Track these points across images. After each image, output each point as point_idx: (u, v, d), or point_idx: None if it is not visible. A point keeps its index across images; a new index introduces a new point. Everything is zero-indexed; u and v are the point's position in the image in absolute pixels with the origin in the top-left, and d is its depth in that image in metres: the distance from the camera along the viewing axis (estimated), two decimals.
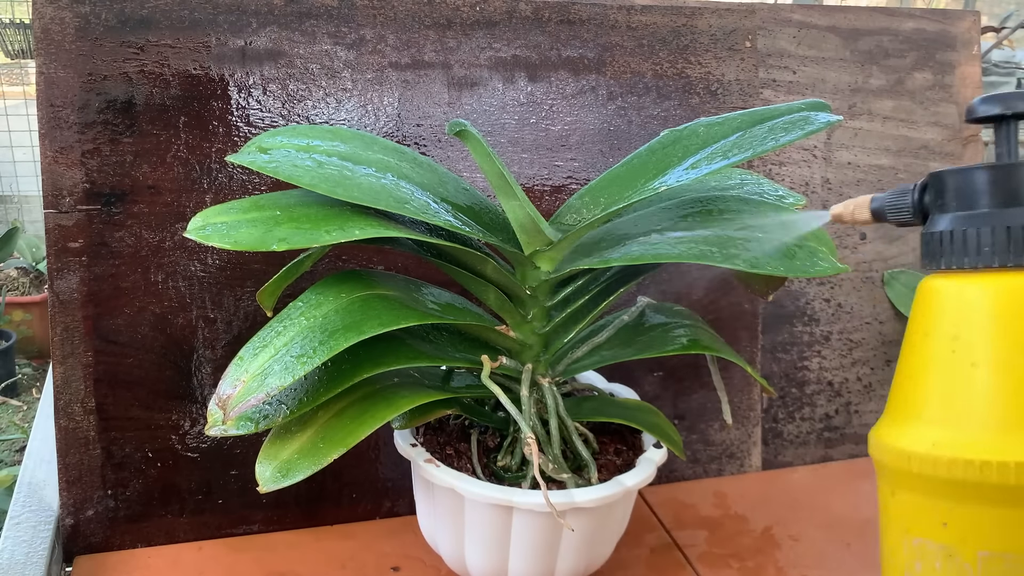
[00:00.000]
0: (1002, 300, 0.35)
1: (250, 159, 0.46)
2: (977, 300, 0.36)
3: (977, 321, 0.35)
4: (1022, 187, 0.35)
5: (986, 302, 0.35)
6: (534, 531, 0.50)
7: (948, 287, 0.37)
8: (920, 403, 0.37)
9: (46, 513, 0.60)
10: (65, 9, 0.56)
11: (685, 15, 0.70)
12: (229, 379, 0.43)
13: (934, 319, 0.37)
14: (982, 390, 0.35)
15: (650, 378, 0.71)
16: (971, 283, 0.36)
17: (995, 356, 0.35)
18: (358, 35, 0.63)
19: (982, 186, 0.35)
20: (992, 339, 0.35)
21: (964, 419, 0.35)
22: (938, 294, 0.37)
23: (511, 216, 0.49)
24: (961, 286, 0.36)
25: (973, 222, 0.35)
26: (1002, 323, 0.35)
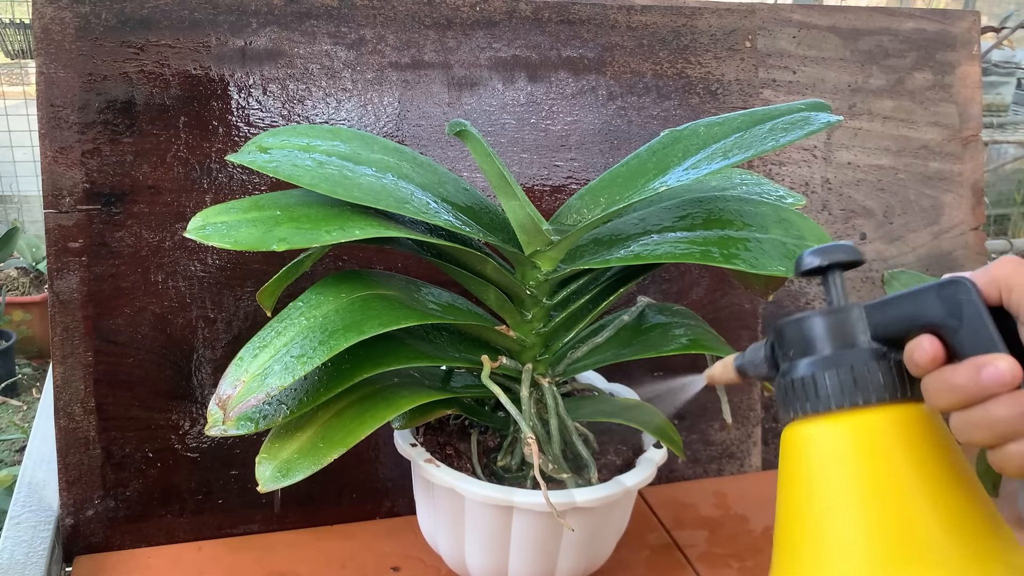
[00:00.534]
0: (842, 440, 0.35)
1: (250, 159, 0.46)
2: (820, 443, 0.36)
3: (824, 464, 0.36)
4: (852, 329, 0.36)
5: (828, 444, 0.36)
6: (534, 531, 0.50)
7: (797, 435, 0.37)
8: (791, 550, 0.37)
9: (46, 513, 0.59)
10: (65, 9, 0.56)
11: (685, 15, 0.70)
12: (229, 379, 0.43)
13: (791, 468, 0.37)
14: (835, 534, 0.35)
15: (650, 378, 0.71)
16: (814, 428, 0.36)
17: (848, 496, 0.35)
18: (358, 35, 0.63)
19: (815, 333, 0.37)
20: (838, 480, 0.35)
21: (828, 566, 0.35)
22: (789, 443, 0.37)
23: (511, 216, 0.49)
24: (807, 433, 0.36)
25: (809, 368, 0.36)
26: (845, 462, 0.35)
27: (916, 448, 0.35)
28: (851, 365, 0.35)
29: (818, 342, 0.37)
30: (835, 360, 0.36)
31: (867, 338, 0.36)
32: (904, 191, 0.78)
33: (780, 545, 0.37)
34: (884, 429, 0.35)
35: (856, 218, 0.76)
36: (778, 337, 0.38)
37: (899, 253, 0.78)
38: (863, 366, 0.35)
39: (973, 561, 0.33)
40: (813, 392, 0.36)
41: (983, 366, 0.32)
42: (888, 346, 0.36)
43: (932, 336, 0.34)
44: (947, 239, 0.79)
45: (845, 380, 0.35)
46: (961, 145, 0.79)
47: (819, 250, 0.38)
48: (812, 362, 0.36)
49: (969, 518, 0.34)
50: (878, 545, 0.34)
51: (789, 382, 0.37)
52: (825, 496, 0.35)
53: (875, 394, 0.35)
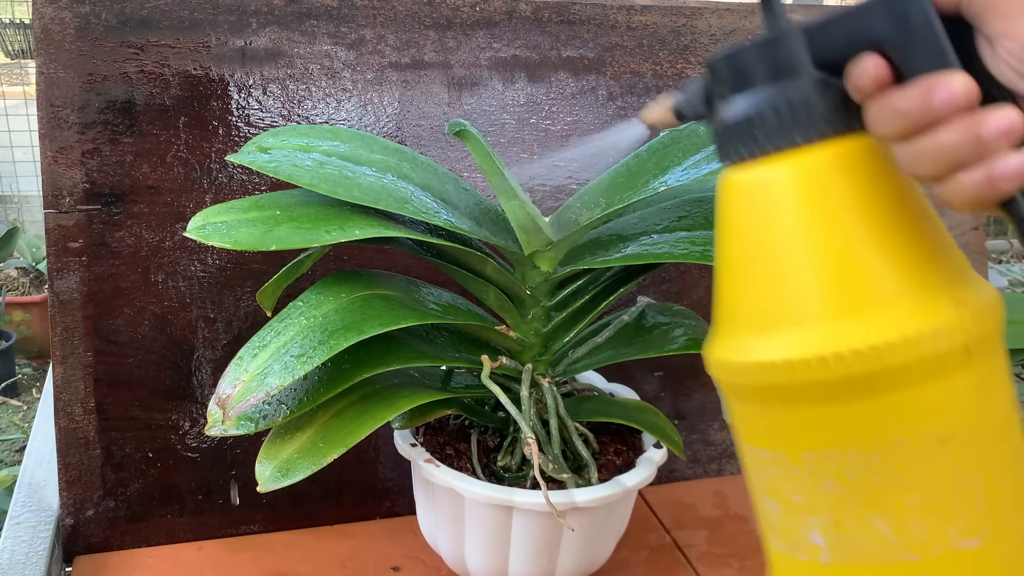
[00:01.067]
0: (784, 184, 0.32)
1: (250, 159, 0.46)
2: (761, 190, 0.33)
3: (766, 212, 0.33)
4: (791, 57, 0.32)
5: (769, 190, 0.33)
6: (534, 531, 0.50)
7: (734, 182, 0.34)
8: (732, 310, 0.34)
9: (46, 513, 0.60)
10: (65, 9, 0.56)
11: (685, 15, 0.70)
12: (229, 379, 0.43)
13: (728, 218, 0.34)
14: (782, 284, 0.32)
15: (650, 378, 0.71)
16: (754, 174, 0.33)
17: (790, 244, 0.32)
18: (358, 35, 0.63)
19: (750, 64, 0.32)
20: (783, 228, 0.32)
21: (771, 319, 0.33)
22: (727, 192, 0.34)
23: (511, 216, 0.49)
24: (745, 179, 0.33)
25: (743, 107, 0.32)
26: (789, 208, 0.32)
27: (862, 185, 0.32)
28: (788, 98, 0.31)
29: (754, 75, 0.32)
30: (771, 94, 0.32)
31: (808, 65, 0.32)
32: None
33: (721, 306, 0.35)
34: (826, 167, 0.32)
35: None
36: (712, 74, 0.34)
37: None
38: (801, 98, 0.31)
39: (920, 299, 0.31)
40: (748, 133, 0.32)
41: (933, 87, 0.28)
42: (832, 72, 0.32)
43: (876, 55, 0.30)
44: None
45: (782, 116, 0.32)
46: None
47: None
48: (747, 98, 0.32)
49: (920, 253, 0.32)
50: (825, 292, 0.31)
51: (722, 123, 0.33)
52: (766, 246, 0.33)
53: (815, 129, 0.31)
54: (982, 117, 0.28)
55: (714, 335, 0.36)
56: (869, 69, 0.30)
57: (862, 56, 0.30)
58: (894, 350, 0.30)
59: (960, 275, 0.32)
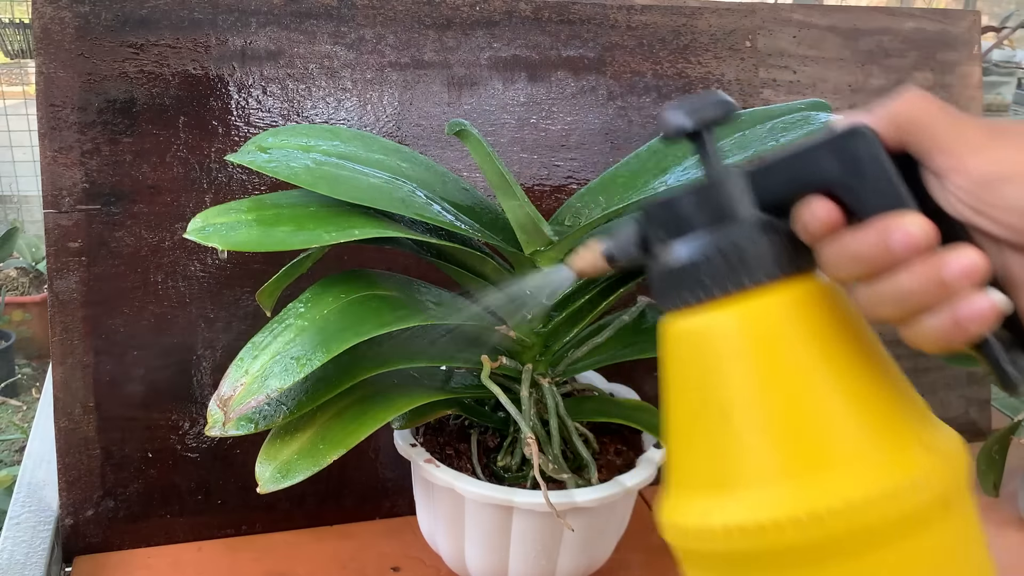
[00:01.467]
0: (729, 332, 0.30)
1: (250, 159, 0.46)
2: (704, 338, 0.31)
3: (711, 362, 0.30)
4: (732, 200, 0.31)
5: (714, 338, 0.30)
6: (534, 531, 0.50)
7: (677, 329, 0.32)
8: (684, 469, 0.32)
9: (46, 513, 0.59)
10: (65, 9, 0.56)
11: (685, 15, 0.70)
12: (229, 380, 0.43)
13: (673, 368, 0.32)
14: (736, 441, 0.30)
15: (650, 378, 0.71)
16: (696, 320, 0.31)
17: (739, 397, 0.30)
18: (358, 35, 0.63)
19: (690, 209, 0.31)
20: (731, 379, 0.30)
21: (728, 479, 0.30)
22: (669, 339, 0.32)
23: (511, 216, 0.49)
24: (688, 326, 0.31)
25: (684, 252, 0.31)
26: (735, 358, 0.30)
27: (817, 329, 0.30)
28: (732, 241, 0.30)
29: (693, 219, 0.31)
30: (714, 238, 0.30)
31: (751, 209, 0.31)
32: None
33: (674, 464, 0.32)
34: (777, 311, 0.30)
35: None
36: (648, 219, 0.33)
37: None
38: (747, 240, 0.30)
39: (891, 449, 0.29)
40: (691, 278, 0.30)
41: (890, 229, 0.27)
42: (778, 214, 0.30)
43: (824, 197, 0.29)
44: None
45: (728, 258, 0.30)
46: None
47: (686, 107, 0.31)
48: (688, 243, 0.31)
49: (882, 401, 0.29)
50: (795, 447, 0.29)
51: (662, 268, 0.31)
52: (720, 399, 0.30)
53: (763, 271, 0.30)
54: (942, 259, 0.27)
55: (667, 495, 0.33)
56: (819, 212, 0.29)
57: (810, 199, 0.29)
58: (874, 505, 0.28)
59: (923, 418, 0.31)
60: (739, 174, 0.31)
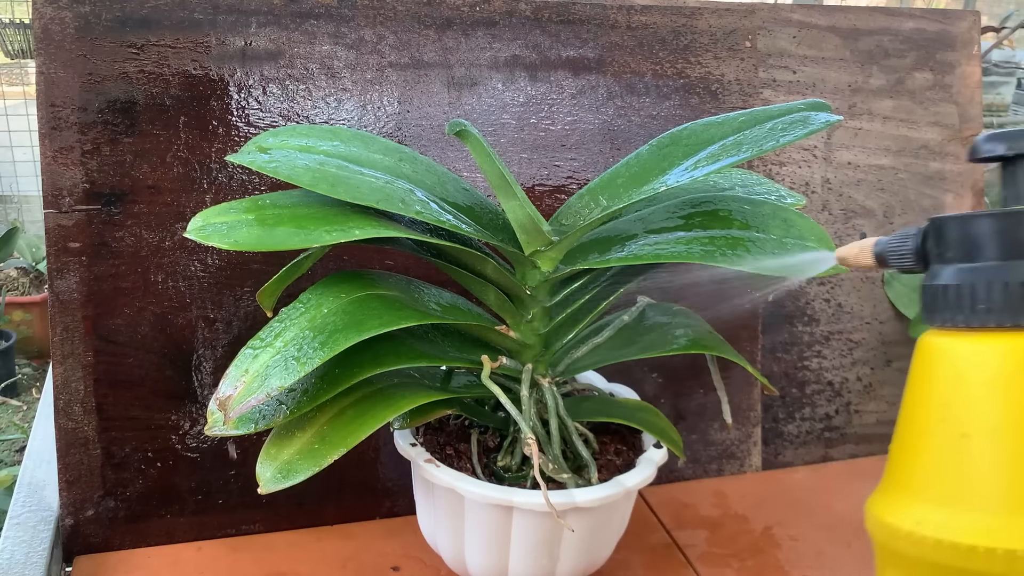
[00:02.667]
0: (995, 364, 0.32)
1: (250, 159, 0.46)
2: (968, 363, 0.32)
3: (968, 386, 0.32)
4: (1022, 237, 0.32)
5: (977, 366, 0.32)
6: (534, 531, 0.50)
7: (940, 346, 0.33)
8: (909, 474, 0.34)
9: (46, 513, 0.59)
10: (65, 9, 0.56)
11: (685, 15, 0.70)
12: (229, 380, 0.43)
13: (926, 381, 0.34)
14: (970, 465, 0.31)
15: (650, 378, 0.71)
16: (963, 344, 0.33)
17: (987, 427, 0.31)
18: (358, 35, 0.63)
19: (982, 236, 0.32)
20: (983, 407, 0.31)
21: (952, 497, 0.32)
22: (930, 354, 0.34)
23: (511, 216, 0.49)
24: (953, 346, 0.33)
25: (969, 276, 0.32)
26: (995, 389, 0.31)
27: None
28: (1016, 281, 0.31)
29: (985, 246, 0.32)
30: (1005, 271, 0.31)
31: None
32: (904, 191, 0.78)
33: (901, 466, 0.34)
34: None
35: (856, 218, 0.76)
36: (936, 233, 0.34)
37: None
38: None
39: None
40: (969, 303, 0.32)
41: None
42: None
43: None
44: None
45: (1000, 297, 0.31)
46: (961, 145, 0.79)
47: (1005, 135, 0.33)
48: (975, 269, 0.32)
49: None
50: (1017, 485, 0.30)
51: (942, 288, 0.33)
52: (958, 422, 0.32)
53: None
54: None
55: (885, 492, 0.35)
56: None
57: None
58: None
59: None
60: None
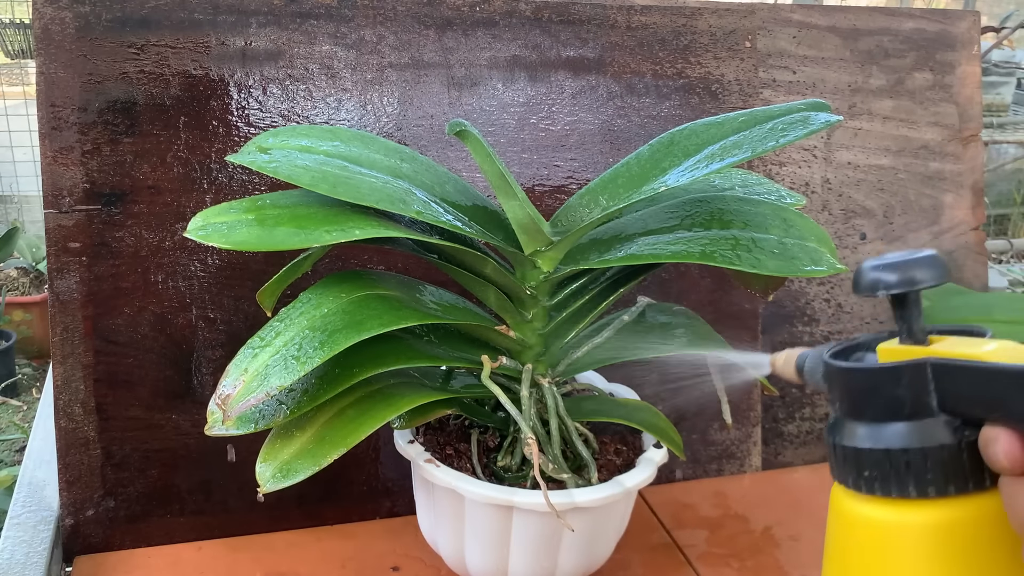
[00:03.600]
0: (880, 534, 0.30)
1: (250, 159, 0.46)
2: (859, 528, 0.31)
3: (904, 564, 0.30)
4: (918, 395, 0.28)
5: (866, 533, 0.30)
6: (534, 531, 0.50)
7: (839, 503, 0.32)
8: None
9: (46, 513, 0.59)
10: (65, 9, 0.56)
11: (685, 15, 0.70)
12: (229, 379, 0.43)
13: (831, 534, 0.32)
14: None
15: (650, 378, 0.71)
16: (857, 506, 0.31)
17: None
18: (358, 35, 0.63)
19: (872, 392, 0.29)
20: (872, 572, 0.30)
21: None
22: (834, 507, 0.32)
23: (511, 216, 0.49)
24: (850, 507, 0.31)
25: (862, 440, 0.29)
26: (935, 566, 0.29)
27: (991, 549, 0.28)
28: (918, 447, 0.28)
29: (875, 406, 0.29)
30: (893, 437, 0.29)
31: (935, 406, 0.28)
32: (904, 191, 0.78)
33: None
34: (956, 527, 0.29)
35: (856, 218, 0.76)
36: (828, 380, 0.31)
37: None
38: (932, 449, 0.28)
39: None
40: (855, 467, 0.30)
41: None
42: (959, 419, 0.28)
43: (1012, 434, 0.26)
44: (947, 239, 0.79)
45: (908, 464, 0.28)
46: (961, 145, 0.79)
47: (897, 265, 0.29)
48: (866, 431, 0.29)
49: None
50: None
51: (837, 446, 0.30)
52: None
53: (945, 485, 0.28)
54: None
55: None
56: (1004, 448, 0.26)
57: (999, 432, 0.27)
58: None
59: None
60: (928, 365, 0.28)
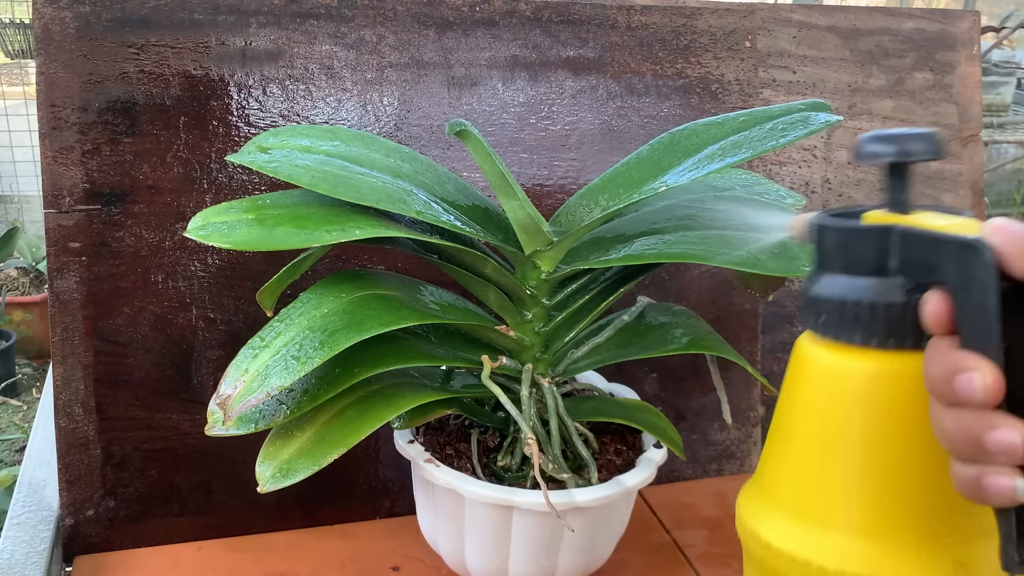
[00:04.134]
0: (859, 383, 0.32)
1: (250, 159, 0.46)
2: (834, 378, 0.32)
3: (833, 402, 0.32)
4: (886, 255, 0.31)
5: (842, 382, 0.32)
6: (534, 531, 0.50)
7: (811, 354, 0.33)
8: (774, 481, 0.34)
9: (46, 513, 0.60)
10: (65, 9, 0.56)
11: (685, 15, 0.70)
12: (229, 379, 0.43)
13: (796, 386, 0.34)
14: (830, 483, 0.32)
15: (650, 378, 0.71)
16: (832, 356, 0.32)
17: (848, 447, 0.32)
18: (358, 35, 0.63)
19: (853, 249, 0.32)
20: (846, 426, 0.32)
21: (810, 513, 0.32)
22: (802, 359, 0.34)
23: (511, 216, 0.49)
24: (822, 357, 0.33)
25: (837, 289, 0.32)
26: (857, 410, 0.32)
27: (909, 405, 0.31)
28: (869, 301, 0.31)
29: (841, 259, 0.32)
30: (850, 289, 0.31)
31: (894, 268, 0.31)
32: None
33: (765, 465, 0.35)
34: (891, 379, 0.31)
35: None
36: (817, 237, 0.33)
37: None
38: (880, 304, 0.31)
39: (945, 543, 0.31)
40: (837, 317, 0.32)
41: (959, 369, 0.28)
42: (913, 283, 0.31)
43: (942, 296, 0.29)
44: None
45: (857, 315, 0.31)
46: (961, 145, 0.79)
47: (893, 137, 0.32)
48: (844, 283, 0.32)
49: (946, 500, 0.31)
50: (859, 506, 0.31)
51: (813, 296, 0.33)
52: (829, 438, 0.32)
53: (886, 339, 0.31)
54: (992, 422, 0.27)
55: (754, 496, 0.36)
56: (932, 308, 0.29)
57: (931, 293, 0.30)
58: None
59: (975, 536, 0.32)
60: (898, 231, 0.31)
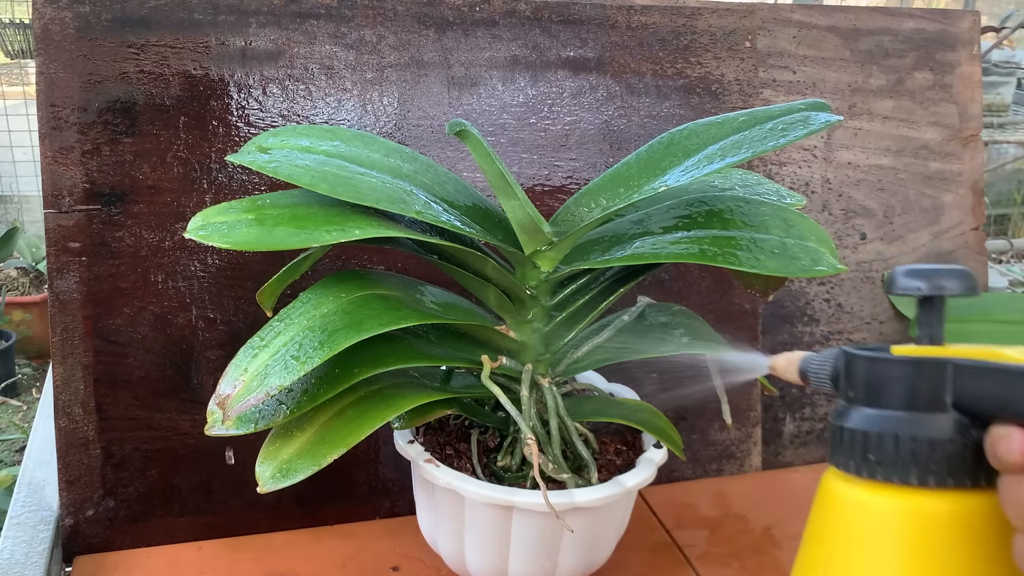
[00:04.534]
0: (881, 521, 0.30)
1: (250, 159, 0.46)
2: (856, 515, 0.31)
3: (855, 541, 0.31)
4: (937, 391, 0.30)
5: (865, 519, 0.31)
6: (534, 531, 0.50)
7: (835, 490, 0.32)
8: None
9: (46, 513, 0.59)
10: (65, 9, 0.56)
11: (685, 15, 0.70)
12: (228, 379, 0.43)
13: (820, 521, 0.33)
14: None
15: (650, 378, 0.71)
16: (856, 492, 0.31)
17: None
18: (358, 35, 0.63)
19: (883, 381, 0.31)
20: (866, 566, 0.30)
21: None
22: (826, 495, 0.33)
23: (511, 216, 0.49)
24: (847, 493, 0.32)
25: (864, 422, 0.31)
26: (878, 549, 0.30)
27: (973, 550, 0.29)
28: (927, 437, 0.29)
29: (885, 393, 0.30)
30: (909, 425, 0.29)
31: (949, 403, 0.29)
32: (904, 191, 0.78)
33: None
34: (948, 520, 0.29)
35: (856, 218, 0.76)
36: (847, 369, 0.32)
37: (899, 253, 0.78)
38: (940, 441, 0.29)
39: None
40: (861, 452, 0.30)
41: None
42: (970, 418, 0.29)
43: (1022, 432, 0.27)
44: (947, 239, 0.79)
45: (914, 452, 0.29)
46: (961, 145, 0.79)
47: (925, 273, 0.31)
48: (873, 416, 0.30)
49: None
50: None
51: (839, 429, 0.31)
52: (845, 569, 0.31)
53: (946, 477, 0.29)
54: None
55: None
56: (1015, 445, 0.27)
57: (1010, 429, 0.27)
58: None
59: None
60: (951, 364, 0.30)
